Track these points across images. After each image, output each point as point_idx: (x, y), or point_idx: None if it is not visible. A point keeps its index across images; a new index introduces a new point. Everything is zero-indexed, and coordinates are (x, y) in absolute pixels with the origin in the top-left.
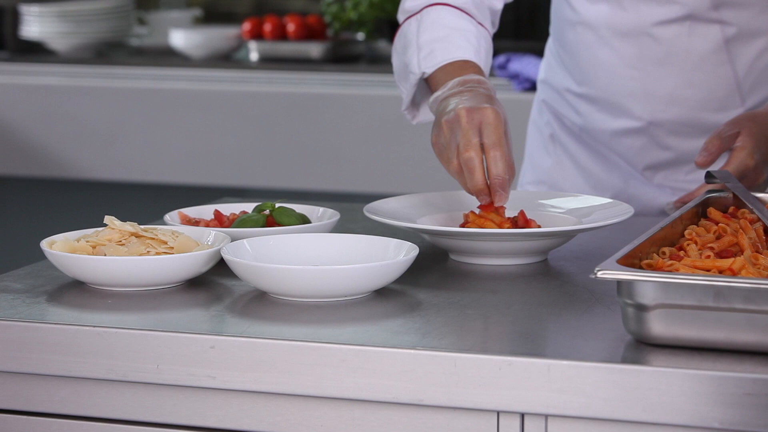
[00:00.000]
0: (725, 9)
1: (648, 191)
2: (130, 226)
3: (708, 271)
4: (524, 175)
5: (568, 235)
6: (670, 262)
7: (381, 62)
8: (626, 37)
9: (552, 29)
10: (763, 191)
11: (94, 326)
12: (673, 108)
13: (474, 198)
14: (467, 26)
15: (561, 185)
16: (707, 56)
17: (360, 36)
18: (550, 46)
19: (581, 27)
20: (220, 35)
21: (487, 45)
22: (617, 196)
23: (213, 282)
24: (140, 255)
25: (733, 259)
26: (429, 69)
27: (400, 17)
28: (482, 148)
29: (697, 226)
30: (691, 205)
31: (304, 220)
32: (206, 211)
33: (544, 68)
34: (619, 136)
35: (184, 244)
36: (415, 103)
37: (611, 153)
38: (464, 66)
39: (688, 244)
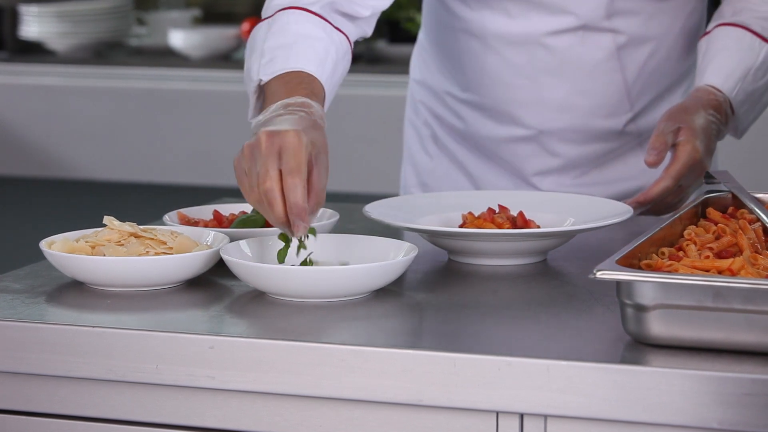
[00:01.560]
0: (617, 18)
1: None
2: (129, 227)
3: (707, 271)
4: (406, 177)
5: (568, 236)
6: (669, 262)
7: (380, 62)
8: (516, 46)
9: (426, 31)
10: (702, 181)
11: (94, 326)
12: (564, 116)
13: (474, 198)
14: (318, 34)
15: (444, 187)
16: (599, 64)
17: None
18: (423, 45)
19: (464, 34)
20: (219, 35)
21: (338, 54)
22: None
23: (212, 282)
24: (139, 255)
25: (732, 259)
26: (265, 77)
27: (264, 13)
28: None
29: (696, 226)
30: (690, 205)
31: None
32: (205, 211)
33: (419, 68)
34: (506, 143)
35: (183, 244)
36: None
37: (497, 158)
38: (297, 81)
39: (687, 245)
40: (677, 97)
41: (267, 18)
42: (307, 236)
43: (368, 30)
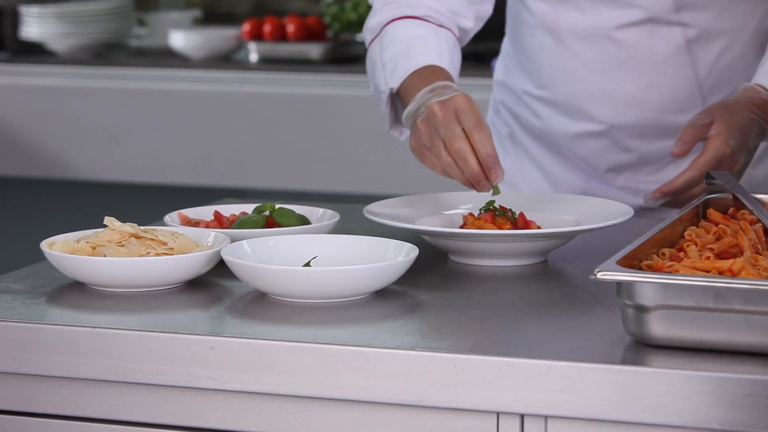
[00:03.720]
0: (686, 11)
1: (610, 192)
2: (129, 227)
3: (708, 272)
4: None
5: (568, 236)
6: (669, 263)
7: None
8: (586, 41)
9: (508, 30)
10: (740, 178)
11: (94, 327)
12: (635, 111)
13: (474, 199)
14: (426, 32)
15: (521, 185)
16: (668, 58)
17: (360, 37)
18: (506, 47)
19: (539, 30)
20: (220, 36)
21: (450, 45)
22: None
23: (213, 283)
24: (140, 256)
25: (732, 260)
26: (395, 83)
27: (366, 38)
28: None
29: (697, 227)
30: (690, 206)
31: (303, 221)
32: (206, 212)
33: (501, 69)
34: (579, 139)
35: (183, 245)
36: (398, 120)
37: (572, 155)
38: (429, 72)
39: (687, 245)
40: None
41: (375, 37)
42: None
43: (469, 37)
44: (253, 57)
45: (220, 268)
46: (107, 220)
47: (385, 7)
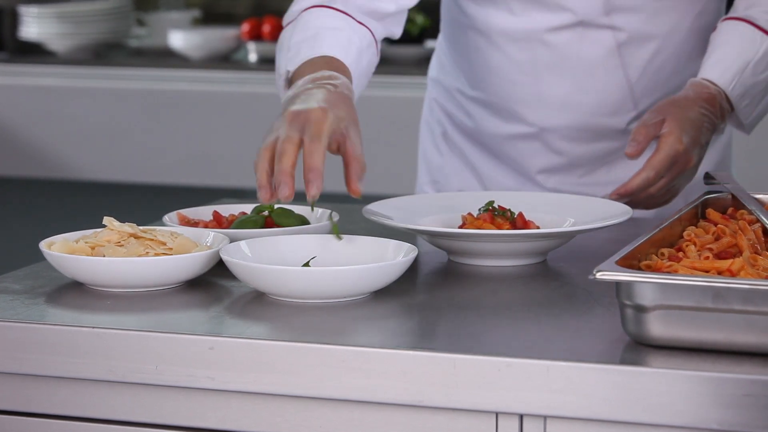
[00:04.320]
0: (616, 15)
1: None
2: (128, 227)
3: (707, 272)
4: (420, 175)
5: (567, 236)
6: (669, 263)
7: (379, 63)
8: (518, 43)
9: (443, 28)
10: (694, 175)
11: (93, 327)
12: (566, 113)
13: (474, 199)
14: (339, 25)
15: (454, 185)
16: (599, 62)
17: None
18: (441, 44)
19: (473, 31)
20: (219, 36)
21: (362, 43)
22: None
23: (212, 283)
24: (139, 256)
25: (732, 260)
26: (292, 67)
27: (284, 22)
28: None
29: (696, 227)
30: (690, 205)
31: (302, 221)
32: (205, 212)
33: (436, 67)
34: (511, 141)
35: (183, 245)
36: None
37: (504, 156)
38: (325, 62)
39: (687, 245)
40: None
41: (290, 22)
42: (331, 218)
43: (396, 30)
44: (253, 57)
45: (219, 269)
46: (106, 220)
47: None
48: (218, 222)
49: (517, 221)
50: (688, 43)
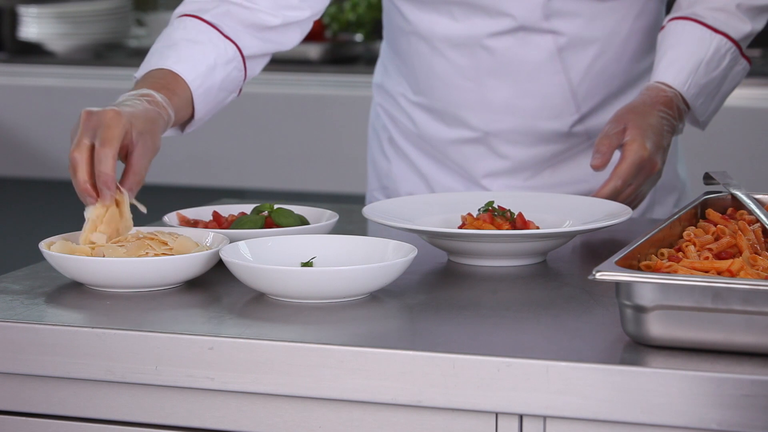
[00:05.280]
0: (556, 19)
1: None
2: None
3: (706, 272)
4: (369, 181)
5: (567, 237)
6: (668, 263)
7: (366, 62)
8: (460, 48)
9: (385, 35)
10: (658, 178)
11: (93, 327)
12: (509, 118)
13: (473, 199)
14: (199, 38)
15: (402, 189)
16: (541, 66)
17: (358, 37)
18: (384, 50)
19: (414, 37)
20: None
21: (217, 59)
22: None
23: (211, 283)
24: (139, 256)
25: (731, 260)
26: (138, 75)
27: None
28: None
29: (696, 227)
30: (689, 206)
31: (302, 221)
32: (205, 212)
33: (380, 72)
34: (455, 145)
35: (182, 245)
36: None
37: (449, 160)
38: (158, 77)
39: (686, 246)
40: (630, 99)
41: (169, 24)
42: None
43: (285, 41)
44: None
45: (219, 269)
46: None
47: (191, 1)
48: (218, 222)
49: (517, 221)
50: (629, 44)
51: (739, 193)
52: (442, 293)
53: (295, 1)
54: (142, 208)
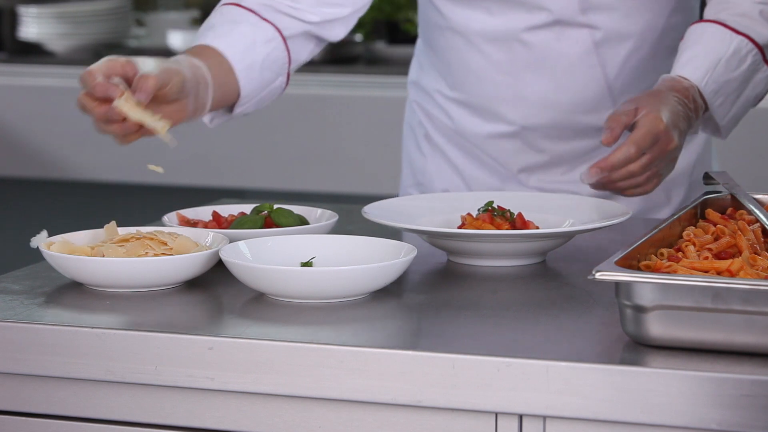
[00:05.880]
0: (592, 13)
1: (524, 192)
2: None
3: (706, 272)
4: (403, 178)
5: (567, 237)
6: (668, 263)
7: (379, 63)
8: (496, 43)
9: (420, 32)
10: (675, 160)
11: (93, 327)
12: (545, 112)
13: (473, 199)
14: (239, 19)
15: (437, 186)
16: (577, 60)
17: (358, 37)
18: (420, 47)
19: (450, 32)
20: None
21: (256, 36)
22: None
23: (211, 283)
24: (139, 256)
25: (731, 260)
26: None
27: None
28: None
29: (695, 227)
30: (689, 206)
31: (302, 221)
32: (204, 212)
33: (415, 70)
34: (492, 140)
35: (182, 245)
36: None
37: (485, 155)
38: (197, 50)
39: (686, 246)
40: None
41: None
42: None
43: (328, 34)
44: None
45: (219, 269)
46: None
47: None
48: (218, 222)
49: (517, 221)
50: (664, 40)
51: (738, 194)
52: (442, 293)
53: None
54: (172, 142)
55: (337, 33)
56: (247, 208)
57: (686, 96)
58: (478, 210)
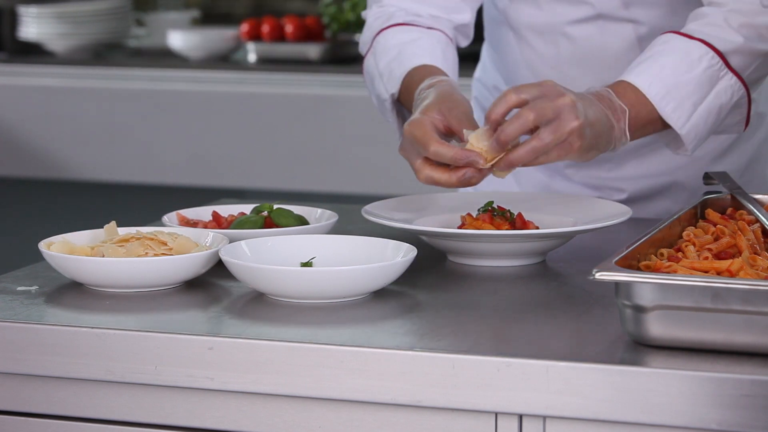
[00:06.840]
0: (635, 8)
1: (570, 187)
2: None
3: (706, 272)
4: None
5: (566, 237)
6: (668, 263)
7: None
8: (543, 36)
9: (485, 28)
10: (574, 144)
11: (93, 327)
12: None
13: (473, 199)
14: (414, 36)
15: (489, 179)
16: (621, 55)
17: (358, 37)
18: (484, 45)
19: (505, 27)
20: (218, 36)
21: (441, 44)
22: (542, 191)
23: (211, 283)
24: (139, 256)
25: (731, 260)
26: (394, 89)
27: (362, 50)
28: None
29: (695, 227)
30: (688, 206)
31: (302, 221)
32: (204, 212)
33: (479, 68)
34: None
35: (182, 245)
36: None
37: None
38: (423, 71)
39: (686, 246)
40: None
41: (368, 50)
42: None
43: (470, 34)
44: (252, 57)
45: (219, 269)
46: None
47: (374, 21)
48: (217, 222)
49: (516, 221)
50: None
51: (738, 194)
52: (441, 293)
53: (453, 3)
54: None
55: (461, 43)
56: (247, 208)
57: (600, 98)
58: (478, 210)
